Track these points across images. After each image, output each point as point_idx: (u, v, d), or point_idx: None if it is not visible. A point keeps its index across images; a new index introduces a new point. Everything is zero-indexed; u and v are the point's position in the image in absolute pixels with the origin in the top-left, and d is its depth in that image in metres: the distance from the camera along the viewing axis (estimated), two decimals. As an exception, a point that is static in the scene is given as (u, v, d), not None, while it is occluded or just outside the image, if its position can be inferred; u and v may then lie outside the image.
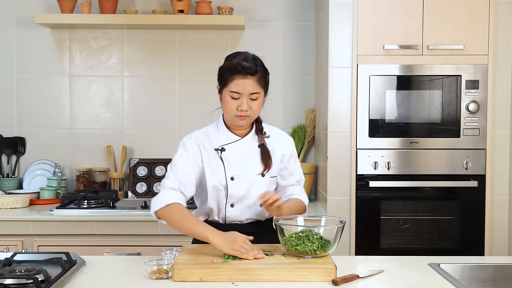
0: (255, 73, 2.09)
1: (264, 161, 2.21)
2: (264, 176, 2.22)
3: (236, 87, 2.09)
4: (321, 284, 1.82)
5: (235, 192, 2.20)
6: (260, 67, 2.12)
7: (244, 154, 2.21)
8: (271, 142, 2.27)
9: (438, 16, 3.02)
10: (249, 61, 2.09)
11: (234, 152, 2.21)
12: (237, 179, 2.20)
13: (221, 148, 2.20)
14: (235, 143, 2.21)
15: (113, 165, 3.65)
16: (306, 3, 3.67)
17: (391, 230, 3.12)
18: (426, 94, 3.08)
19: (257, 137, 2.24)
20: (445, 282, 1.87)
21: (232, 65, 2.09)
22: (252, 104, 2.11)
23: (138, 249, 2.98)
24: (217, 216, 2.24)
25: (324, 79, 3.22)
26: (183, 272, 1.84)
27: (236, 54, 2.17)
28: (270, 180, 2.26)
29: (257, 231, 2.17)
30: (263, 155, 2.22)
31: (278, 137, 2.30)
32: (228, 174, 2.19)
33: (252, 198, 2.21)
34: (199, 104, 3.63)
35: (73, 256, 2.04)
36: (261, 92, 2.13)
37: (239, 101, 2.10)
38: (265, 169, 2.21)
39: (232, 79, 2.09)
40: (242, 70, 2.07)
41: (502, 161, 3.13)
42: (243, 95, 2.09)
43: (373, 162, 3.04)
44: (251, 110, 2.11)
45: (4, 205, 3.17)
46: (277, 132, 2.32)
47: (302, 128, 3.62)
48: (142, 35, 3.67)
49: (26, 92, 3.67)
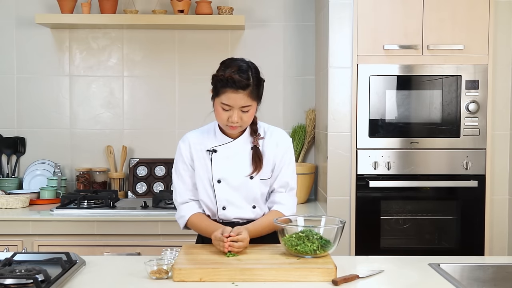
0: (247, 87, 2.06)
1: (254, 164, 2.18)
2: (253, 178, 2.20)
3: (227, 100, 2.07)
4: (321, 284, 1.82)
5: (223, 195, 2.19)
6: (253, 79, 2.07)
7: (235, 156, 2.20)
8: (264, 144, 2.23)
9: (438, 16, 3.02)
10: (242, 74, 2.05)
11: (225, 154, 2.20)
12: (224, 181, 2.19)
13: (213, 150, 2.20)
14: (227, 144, 2.21)
15: (113, 165, 3.65)
16: (306, 3, 3.67)
17: (391, 230, 3.12)
18: (426, 94, 3.08)
19: (251, 139, 2.22)
20: (445, 282, 1.87)
21: (224, 77, 2.06)
22: (243, 116, 2.10)
23: (138, 249, 2.98)
24: (212, 216, 2.25)
25: (324, 79, 3.22)
26: (183, 272, 1.84)
27: (230, 62, 2.12)
28: (261, 182, 2.22)
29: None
30: (254, 158, 2.19)
31: (273, 138, 2.24)
32: (215, 177, 2.19)
33: (243, 200, 2.20)
34: (199, 104, 3.62)
35: (73, 256, 2.04)
36: (253, 104, 2.11)
37: (230, 112, 2.09)
38: (254, 171, 2.18)
39: (223, 91, 2.07)
40: (233, 84, 2.04)
41: (502, 161, 3.12)
42: (234, 108, 2.08)
43: (373, 162, 3.04)
44: (241, 121, 2.11)
45: (4, 205, 3.17)
46: (273, 131, 2.27)
47: (302, 128, 3.62)
48: (142, 35, 3.67)
49: (26, 92, 3.67)
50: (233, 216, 2.22)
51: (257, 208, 2.23)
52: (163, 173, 3.61)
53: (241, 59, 2.14)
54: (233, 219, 2.22)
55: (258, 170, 2.18)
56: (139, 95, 3.71)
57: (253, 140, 2.21)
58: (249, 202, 2.21)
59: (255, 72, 2.11)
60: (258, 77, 2.12)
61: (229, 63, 2.12)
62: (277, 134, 2.27)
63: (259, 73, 2.13)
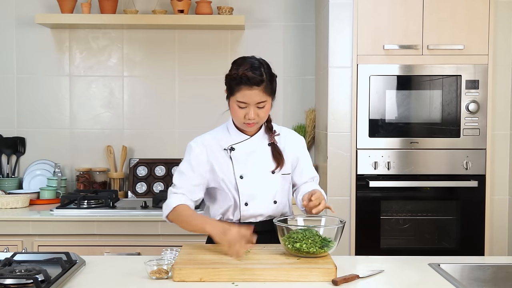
0: (261, 83, 2.10)
1: (276, 159, 2.24)
2: (274, 173, 2.24)
3: (243, 98, 2.10)
4: (321, 284, 1.82)
5: (246, 190, 2.21)
6: (266, 75, 2.12)
7: (253, 153, 2.24)
8: (281, 141, 2.29)
9: (438, 16, 3.02)
10: (254, 71, 2.09)
11: (243, 151, 2.23)
12: (246, 177, 2.21)
13: (231, 148, 2.22)
14: (244, 142, 2.23)
15: (113, 165, 3.65)
16: (306, 3, 3.67)
17: (391, 230, 3.12)
18: (426, 94, 3.08)
19: (267, 136, 2.26)
20: (445, 282, 1.87)
21: (237, 76, 2.09)
22: (259, 112, 2.14)
23: (138, 249, 2.98)
24: (232, 215, 2.25)
25: (324, 79, 3.22)
26: (183, 272, 1.84)
27: (242, 61, 2.16)
28: (283, 178, 2.27)
29: (271, 229, 2.17)
30: (274, 153, 2.24)
31: (289, 136, 2.33)
32: (237, 173, 2.21)
33: (265, 195, 2.23)
34: (199, 104, 3.63)
35: (73, 256, 2.04)
36: (268, 100, 2.15)
37: (246, 109, 2.13)
38: (277, 166, 2.23)
39: (238, 89, 2.10)
40: (247, 81, 2.08)
41: (502, 161, 3.13)
42: (250, 105, 2.11)
43: (373, 162, 3.04)
44: (258, 117, 2.15)
45: (4, 205, 3.17)
46: (287, 131, 2.35)
47: (302, 128, 3.62)
48: (142, 35, 3.67)
49: (26, 92, 3.67)
50: (255, 212, 2.23)
51: (278, 203, 2.25)
52: (163, 173, 3.61)
53: (252, 57, 2.18)
54: (254, 216, 2.23)
55: (281, 165, 2.24)
56: (139, 95, 3.71)
57: (270, 137, 2.26)
58: (270, 197, 2.24)
59: (267, 68, 2.16)
60: (271, 72, 2.17)
61: (241, 61, 2.16)
62: (290, 132, 2.37)
63: (271, 69, 2.18)
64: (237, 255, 1.92)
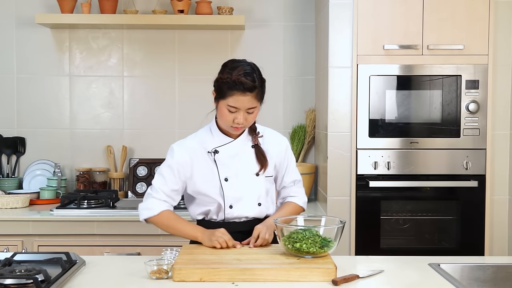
0: (254, 89, 2.08)
1: (260, 161, 2.22)
2: (258, 175, 2.23)
3: (235, 103, 2.08)
4: (321, 284, 1.82)
5: (230, 193, 2.21)
6: (258, 81, 2.10)
7: (237, 155, 2.22)
8: (264, 142, 2.27)
9: (438, 16, 3.02)
10: (248, 76, 2.07)
11: (227, 154, 2.21)
12: (231, 180, 2.21)
13: (214, 151, 2.21)
14: (228, 144, 2.22)
15: (113, 165, 3.65)
16: (306, 3, 3.67)
17: (391, 230, 3.12)
18: (426, 94, 3.08)
19: (251, 138, 2.25)
20: (445, 282, 1.87)
21: (230, 80, 2.07)
22: (248, 117, 2.13)
23: (138, 249, 2.98)
24: (215, 215, 2.25)
25: (324, 79, 3.22)
26: (183, 272, 1.84)
27: (235, 65, 2.12)
28: (266, 180, 2.26)
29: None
30: (258, 155, 2.23)
31: (272, 138, 2.31)
32: (222, 176, 2.20)
33: (250, 198, 2.23)
34: (199, 104, 3.62)
35: (73, 256, 2.04)
36: (257, 106, 2.14)
37: (235, 114, 2.11)
38: (261, 169, 2.22)
39: (230, 94, 2.08)
40: (241, 87, 2.06)
41: (502, 161, 3.12)
42: (241, 110, 2.10)
43: (373, 162, 3.04)
44: (246, 122, 2.13)
45: (4, 205, 3.17)
46: (270, 132, 2.33)
47: (302, 128, 3.62)
48: (142, 35, 3.67)
49: (26, 92, 3.67)
50: (239, 214, 2.22)
51: (262, 206, 2.25)
52: (163, 173, 3.61)
53: (243, 61, 2.16)
54: (238, 217, 2.23)
55: (265, 167, 2.23)
56: (139, 95, 3.71)
57: (253, 139, 2.25)
58: (255, 200, 2.24)
59: (259, 74, 2.14)
60: (261, 78, 2.14)
61: (233, 65, 2.13)
62: (273, 133, 2.34)
63: (261, 74, 2.15)
64: (224, 243, 2.05)
